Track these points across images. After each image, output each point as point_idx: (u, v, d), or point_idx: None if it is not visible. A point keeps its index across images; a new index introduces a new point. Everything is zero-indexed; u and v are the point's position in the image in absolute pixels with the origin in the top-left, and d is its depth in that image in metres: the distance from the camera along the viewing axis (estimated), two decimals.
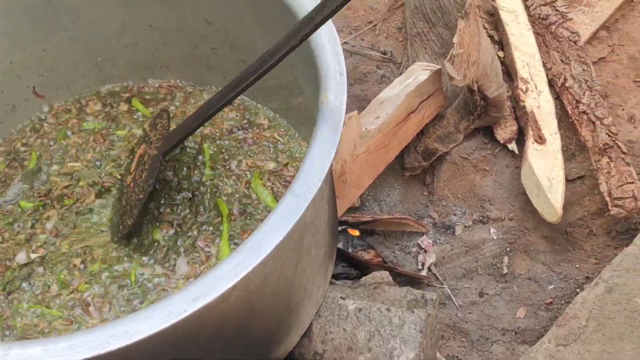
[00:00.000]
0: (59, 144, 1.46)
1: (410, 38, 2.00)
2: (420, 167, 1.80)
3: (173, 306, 0.88)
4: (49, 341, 0.87)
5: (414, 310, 1.28)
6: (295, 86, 1.36)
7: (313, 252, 1.17)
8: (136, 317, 0.87)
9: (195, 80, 1.56)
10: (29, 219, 1.36)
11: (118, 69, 1.54)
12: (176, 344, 1.01)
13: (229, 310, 1.03)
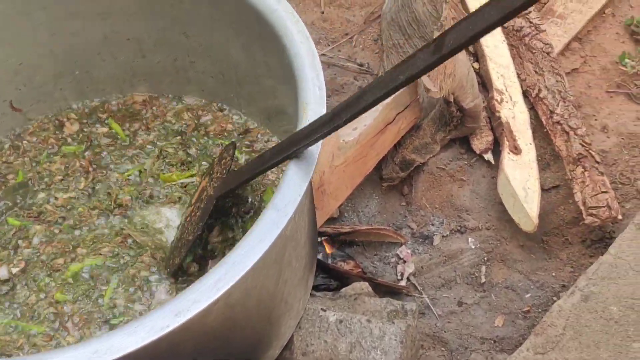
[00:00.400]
0: (42, 166, 1.45)
1: (387, 50, 2.02)
2: (397, 178, 1.81)
3: (155, 322, 0.88)
4: (32, 358, 0.86)
5: (394, 321, 1.29)
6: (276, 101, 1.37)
7: (294, 265, 1.17)
8: (120, 333, 0.87)
9: (173, 93, 1.56)
10: (14, 238, 1.35)
11: (96, 83, 1.53)
12: (163, 355, 1.00)
13: (212, 324, 1.03)
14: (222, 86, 1.50)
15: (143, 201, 1.39)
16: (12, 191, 1.41)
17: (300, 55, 1.15)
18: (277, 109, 1.39)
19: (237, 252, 0.95)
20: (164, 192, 1.41)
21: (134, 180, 1.43)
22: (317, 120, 0.98)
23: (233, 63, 1.42)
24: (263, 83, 1.38)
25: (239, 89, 1.46)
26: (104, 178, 1.43)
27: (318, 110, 1.07)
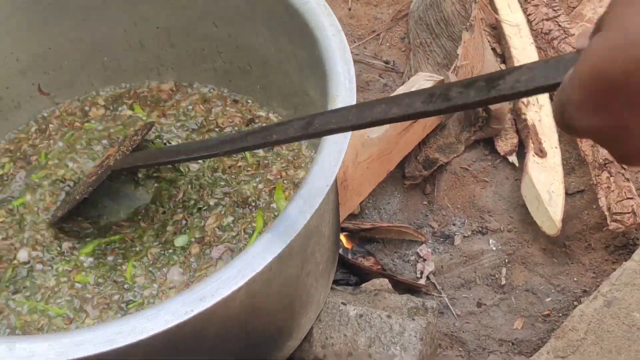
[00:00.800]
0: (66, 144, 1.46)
1: (414, 48, 2.01)
2: (420, 177, 1.81)
3: (179, 306, 0.88)
4: (54, 337, 0.87)
5: (415, 317, 1.29)
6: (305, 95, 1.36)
7: (317, 258, 1.17)
8: (143, 315, 0.87)
9: (199, 83, 1.56)
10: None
11: (123, 70, 1.54)
12: (180, 344, 1.01)
13: (233, 312, 1.03)
14: (249, 78, 1.50)
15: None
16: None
17: (332, 48, 1.14)
18: (304, 102, 1.38)
19: (262, 241, 0.94)
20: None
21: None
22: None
23: (261, 55, 1.42)
24: (291, 76, 1.38)
25: (265, 81, 1.46)
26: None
27: (348, 103, 1.06)
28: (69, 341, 0.86)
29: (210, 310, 0.90)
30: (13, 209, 1.37)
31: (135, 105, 1.53)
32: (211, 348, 1.07)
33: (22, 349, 0.86)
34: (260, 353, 1.19)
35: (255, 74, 1.47)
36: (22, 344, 0.86)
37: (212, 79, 1.55)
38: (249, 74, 1.49)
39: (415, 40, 2.01)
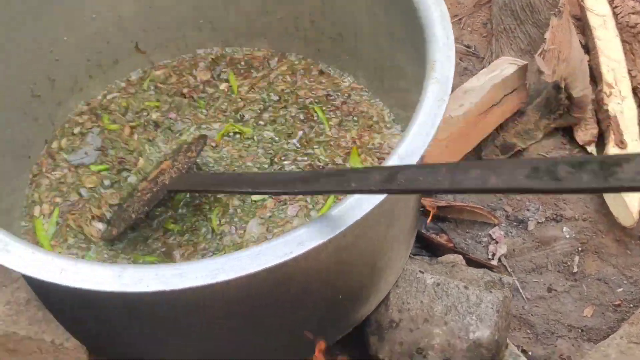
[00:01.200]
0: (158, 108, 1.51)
1: (497, 34, 2.02)
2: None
3: (280, 248, 0.91)
4: (161, 267, 0.91)
5: (492, 290, 1.30)
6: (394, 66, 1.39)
7: (401, 222, 1.19)
8: (245, 254, 0.91)
9: (290, 51, 1.60)
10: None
11: (218, 33, 1.58)
12: (268, 292, 1.04)
13: (321, 265, 1.06)
14: (338, 48, 1.53)
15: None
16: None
17: (432, 17, 1.16)
18: (393, 72, 1.41)
19: (357, 196, 0.97)
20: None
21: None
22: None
23: (354, 24, 1.44)
24: (381, 46, 1.40)
25: (355, 50, 1.49)
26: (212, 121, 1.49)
27: (447, 68, 1.08)
28: (174, 272, 0.90)
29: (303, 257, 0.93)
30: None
31: (230, 74, 1.57)
32: (294, 301, 1.11)
33: (130, 276, 0.90)
34: (339, 312, 1.22)
35: (345, 44, 1.50)
36: (130, 271, 0.91)
37: (302, 48, 1.58)
38: (339, 44, 1.52)
39: (498, 25, 2.01)
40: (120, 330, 1.15)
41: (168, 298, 1.00)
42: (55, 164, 1.43)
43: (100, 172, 1.41)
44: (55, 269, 0.93)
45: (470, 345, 1.26)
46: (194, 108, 1.51)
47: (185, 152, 1.35)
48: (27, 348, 1.34)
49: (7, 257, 0.95)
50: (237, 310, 1.07)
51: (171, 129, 1.48)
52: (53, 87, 1.44)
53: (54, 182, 1.40)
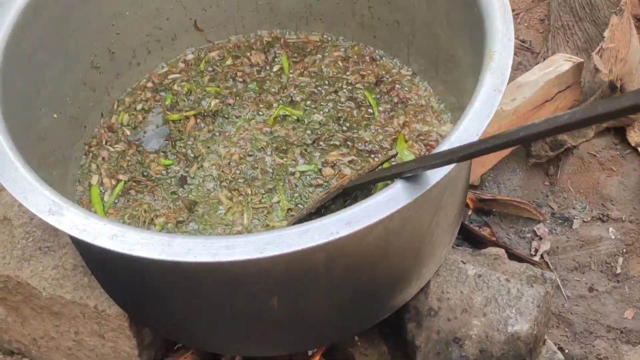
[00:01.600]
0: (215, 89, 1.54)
1: (553, 30, 2.00)
2: (545, 157, 1.80)
3: (327, 227, 0.92)
4: (210, 238, 0.93)
5: (534, 285, 1.30)
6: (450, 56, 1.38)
7: (447, 210, 1.20)
8: (293, 231, 0.92)
9: (345, 36, 1.60)
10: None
11: (275, 15, 1.60)
12: (312, 271, 1.06)
13: (366, 248, 1.07)
14: (395, 35, 1.53)
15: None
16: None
17: (493, 8, 1.15)
18: (447, 64, 1.40)
19: (408, 180, 0.98)
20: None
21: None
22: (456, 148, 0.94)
23: (412, 12, 1.44)
24: (439, 35, 1.40)
25: (411, 38, 1.49)
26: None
27: (505, 59, 1.08)
28: (223, 244, 0.92)
29: (350, 238, 0.94)
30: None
31: (284, 57, 1.58)
32: (337, 281, 1.12)
33: (179, 245, 0.93)
34: (380, 296, 1.23)
35: (401, 32, 1.50)
36: (179, 240, 0.93)
37: (357, 34, 1.59)
38: (395, 32, 1.52)
39: (556, 22, 1.99)
40: (163, 300, 1.18)
41: (214, 270, 1.02)
42: (117, 138, 1.46)
43: (167, 166, 1.43)
44: (106, 235, 0.95)
45: (508, 338, 1.26)
46: (248, 92, 1.52)
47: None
48: (70, 312, 1.38)
49: (60, 220, 0.98)
50: (279, 289, 1.09)
51: (227, 116, 1.49)
52: (112, 59, 1.47)
53: (114, 156, 1.43)
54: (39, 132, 1.28)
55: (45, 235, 1.43)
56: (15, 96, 1.18)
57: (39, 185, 1.01)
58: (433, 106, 1.48)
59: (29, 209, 0.98)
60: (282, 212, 1.33)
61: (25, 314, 1.46)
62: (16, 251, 1.42)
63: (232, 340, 1.24)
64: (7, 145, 1.06)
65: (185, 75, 1.57)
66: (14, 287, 1.40)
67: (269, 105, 1.50)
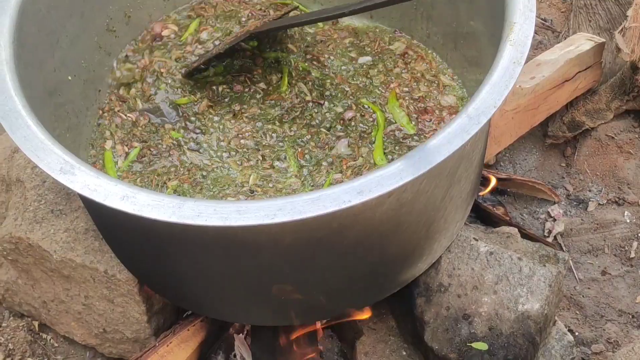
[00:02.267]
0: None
1: (576, 9, 1.96)
2: (563, 138, 1.78)
3: (340, 195, 0.91)
4: (220, 203, 0.92)
5: (546, 264, 1.29)
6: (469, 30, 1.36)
7: (462, 184, 1.18)
8: (305, 198, 0.91)
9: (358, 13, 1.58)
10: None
11: None
12: (324, 239, 1.05)
13: (378, 219, 1.06)
14: (413, 11, 1.50)
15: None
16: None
17: None
18: (468, 37, 1.38)
19: (422, 150, 0.96)
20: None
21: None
22: None
23: None
24: (459, 7, 1.38)
25: (430, 10, 1.46)
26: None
27: (526, 30, 1.06)
28: (234, 209, 0.91)
29: (362, 207, 0.93)
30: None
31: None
32: (348, 252, 1.11)
33: (190, 208, 0.92)
34: (390, 269, 1.23)
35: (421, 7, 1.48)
36: (190, 204, 0.92)
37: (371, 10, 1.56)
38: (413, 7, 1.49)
39: (578, 1, 1.96)
40: (172, 265, 1.17)
41: (224, 235, 1.02)
42: (129, 107, 1.44)
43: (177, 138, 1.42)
44: (117, 195, 0.94)
45: (518, 316, 1.25)
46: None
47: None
48: (81, 276, 1.38)
49: (72, 179, 0.97)
50: (289, 257, 1.08)
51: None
52: (128, 24, 1.46)
53: (127, 124, 1.42)
54: (53, 94, 1.27)
55: (57, 199, 1.43)
56: (29, 56, 1.18)
57: (51, 144, 1.01)
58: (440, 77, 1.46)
59: (41, 167, 0.98)
60: (293, 171, 1.32)
61: (36, 276, 1.46)
62: (28, 213, 1.42)
63: (241, 308, 1.24)
64: (20, 103, 1.06)
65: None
66: (25, 249, 1.41)
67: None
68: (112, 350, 1.51)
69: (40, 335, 1.58)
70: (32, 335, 1.57)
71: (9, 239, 1.41)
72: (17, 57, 1.13)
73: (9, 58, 1.12)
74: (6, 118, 1.04)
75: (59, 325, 1.53)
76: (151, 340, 1.44)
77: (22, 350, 1.54)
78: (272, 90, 1.45)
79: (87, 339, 1.51)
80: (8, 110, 1.05)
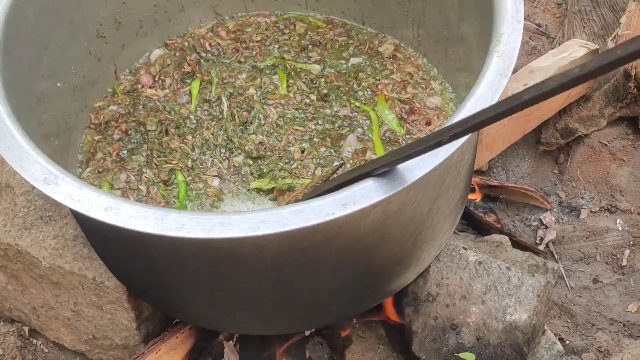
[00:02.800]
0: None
1: (570, 15, 1.96)
2: (556, 144, 1.77)
3: (323, 208, 0.91)
4: (204, 215, 0.91)
5: (535, 274, 1.28)
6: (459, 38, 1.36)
7: (450, 194, 1.18)
8: (288, 210, 0.91)
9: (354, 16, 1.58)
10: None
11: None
12: (309, 250, 1.04)
13: (364, 230, 1.05)
14: (403, 16, 1.50)
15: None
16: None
17: None
18: (458, 44, 1.38)
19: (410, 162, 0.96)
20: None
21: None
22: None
23: None
24: (448, 15, 1.37)
25: (422, 17, 1.46)
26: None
27: (514, 41, 1.05)
28: (217, 221, 0.91)
29: (347, 219, 0.92)
30: None
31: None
32: (334, 262, 1.10)
33: (174, 220, 0.92)
34: (378, 280, 1.22)
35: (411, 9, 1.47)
36: (173, 215, 0.92)
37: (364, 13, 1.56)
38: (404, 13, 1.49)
39: (573, 7, 1.95)
40: (157, 274, 1.17)
41: (208, 246, 1.01)
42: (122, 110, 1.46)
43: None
44: (100, 206, 0.94)
45: (506, 326, 1.24)
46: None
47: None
48: (69, 282, 1.38)
49: (55, 190, 0.97)
50: (275, 267, 1.07)
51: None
52: (118, 29, 1.45)
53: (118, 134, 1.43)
54: (41, 101, 1.27)
55: (46, 205, 1.43)
56: (16, 63, 1.17)
57: (35, 154, 1.01)
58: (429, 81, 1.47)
59: (24, 177, 0.98)
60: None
61: (25, 282, 1.46)
62: (17, 219, 1.42)
63: (227, 318, 1.24)
64: (4, 111, 1.05)
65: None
66: (14, 255, 1.41)
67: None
68: (101, 356, 1.50)
69: (30, 340, 1.57)
70: (22, 340, 1.57)
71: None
72: (4, 64, 1.13)
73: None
74: None
75: (49, 331, 1.53)
76: (140, 347, 1.43)
77: (12, 356, 1.54)
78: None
79: (77, 345, 1.51)
80: None
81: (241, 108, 1.43)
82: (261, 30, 1.58)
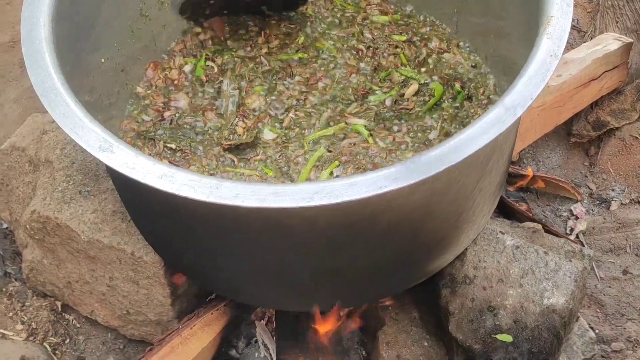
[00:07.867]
0: None
1: (603, 10, 1.96)
2: (587, 137, 1.78)
3: (376, 180, 0.92)
4: (259, 185, 0.93)
5: (572, 260, 1.29)
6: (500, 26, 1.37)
7: (492, 176, 1.19)
8: (342, 182, 0.92)
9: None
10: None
11: None
12: (356, 225, 1.05)
13: (410, 207, 1.07)
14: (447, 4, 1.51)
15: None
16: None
17: None
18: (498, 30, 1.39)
19: (457, 139, 0.97)
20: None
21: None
22: None
23: None
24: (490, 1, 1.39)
25: (462, 3, 1.47)
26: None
27: (563, 24, 1.06)
28: (271, 191, 0.92)
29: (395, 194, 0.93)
30: None
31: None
32: (379, 238, 1.11)
33: (228, 189, 0.93)
34: (419, 258, 1.23)
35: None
36: (228, 184, 0.93)
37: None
38: None
39: (606, 1, 1.96)
40: (203, 246, 1.18)
41: (259, 217, 1.02)
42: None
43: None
44: (155, 174, 0.95)
45: (543, 310, 1.25)
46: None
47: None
48: (107, 257, 1.39)
49: (110, 157, 0.98)
50: (322, 241, 1.08)
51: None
52: (161, 9, 1.47)
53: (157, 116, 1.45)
54: (88, 75, 1.28)
55: (85, 180, 1.44)
56: (67, 36, 1.19)
57: (90, 122, 1.02)
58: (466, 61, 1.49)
59: (80, 144, 0.99)
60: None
61: (61, 256, 1.47)
62: (56, 193, 1.43)
63: (269, 292, 1.25)
64: (59, 80, 1.07)
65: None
66: (53, 229, 1.42)
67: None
68: (134, 332, 1.52)
69: (62, 315, 1.59)
70: (55, 315, 1.58)
71: (36, 218, 1.42)
72: (56, 37, 1.14)
73: (48, 36, 1.13)
74: (46, 95, 1.05)
75: (82, 306, 1.55)
76: (173, 323, 1.45)
77: (45, 330, 1.55)
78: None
79: (110, 321, 1.53)
80: (47, 87, 1.06)
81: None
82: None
